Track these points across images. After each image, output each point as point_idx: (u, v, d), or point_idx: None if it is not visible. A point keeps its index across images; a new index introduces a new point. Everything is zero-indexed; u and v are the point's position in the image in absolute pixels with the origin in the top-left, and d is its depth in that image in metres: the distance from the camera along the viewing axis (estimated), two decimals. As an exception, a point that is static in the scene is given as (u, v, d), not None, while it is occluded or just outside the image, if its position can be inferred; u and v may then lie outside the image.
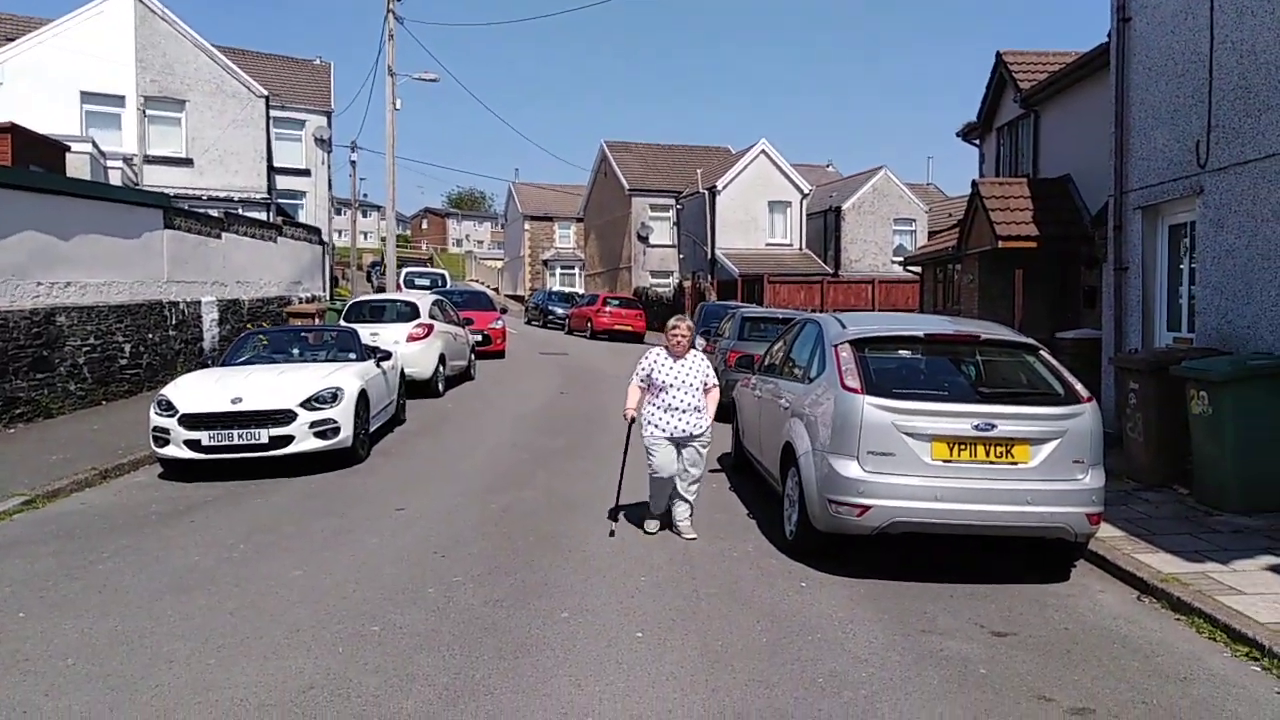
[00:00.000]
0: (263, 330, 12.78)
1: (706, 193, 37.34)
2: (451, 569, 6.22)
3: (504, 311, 24.73)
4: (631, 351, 26.09)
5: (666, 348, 7.08)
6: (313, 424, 9.31)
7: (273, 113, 30.01)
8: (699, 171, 39.54)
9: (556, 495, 8.48)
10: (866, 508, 5.91)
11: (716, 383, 7.15)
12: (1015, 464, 5.92)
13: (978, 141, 21.80)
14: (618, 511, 7.49)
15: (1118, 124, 10.34)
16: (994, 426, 5.87)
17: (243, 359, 10.99)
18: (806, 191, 38.00)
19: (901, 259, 33.54)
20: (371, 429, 10.68)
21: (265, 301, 19.04)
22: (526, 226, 59.09)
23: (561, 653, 4.84)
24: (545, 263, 58.20)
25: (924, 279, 23.47)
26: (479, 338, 21.07)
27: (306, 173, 34.15)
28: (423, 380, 14.94)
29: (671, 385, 6.93)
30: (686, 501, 7.13)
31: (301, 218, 32.21)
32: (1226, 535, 6.94)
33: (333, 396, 9.55)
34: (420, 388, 14.93)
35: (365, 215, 79.11)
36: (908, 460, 5.92)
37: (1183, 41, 9.20)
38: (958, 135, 22.31)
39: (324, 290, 25.05)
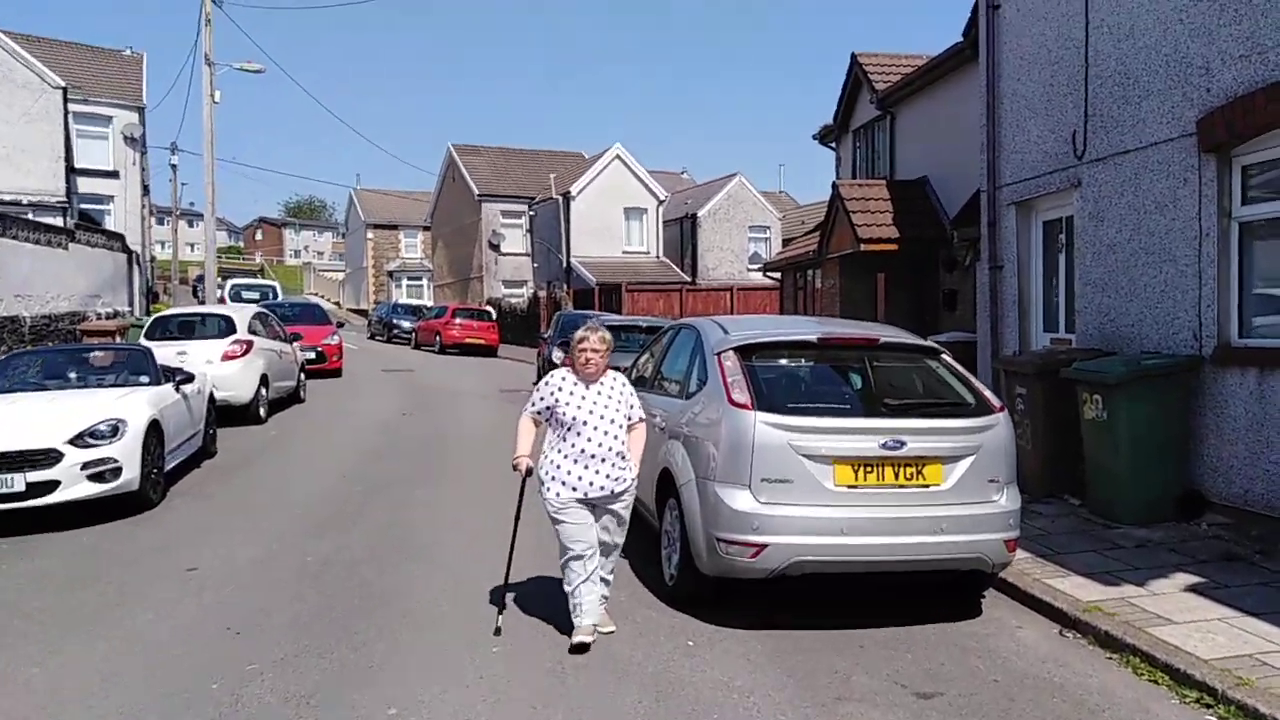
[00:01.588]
0: (35, 350, 10.76)
1: (560, 199, 36.30)
2: (247, 651, 4.85)
3: (341, 326, 22.82)
4: (484, 368, 24.71)
5: (572, 368, 5.06)
6: (85, 464, 7.61)
7: (74, 107, 26.88)
8: (552, 177, 38.47)
9: (392, 536, 7.16)
10: (761, 546, 4.96)
11: (642, 416, 5.16)
12: (927, 486, 5.12)
13: (834, 145, 21.69)
14: (504, 595, 5.39)
15: (989, 117, 9.95)
16: (903, 444, 5.04)
17: (3, 387, 9.06)
18: (662, 198, 37.56)
19: (759, 266, 33.55)
20: (169, 466, 8.99)
21: (53, 319, 16.57)
22: (369, 235, 56.29)
23: (383, 773, 3.63)
24: (390, 274, 55.54)
25: (783, 285, 23.20)
26: (311, 355, 19.18)
27: (115, 175, 30.86)
28: (241, 405, 13.14)
29: (582, 423, 4.87)
30: (604, 583, 5.10)
31: (110, 225, 29.03)
32: (1131, 551, 6.41)
33: (113, 430, 7.87)
34: (239, 414, 13.13)
35: (192, 225, 72.71)
36: (807, 487, 5.01)
37: (1055, 28, 8.83)
38: (814, 138, 22.17)
39: (133, 306, 22.40)
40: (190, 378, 9.88)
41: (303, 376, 16.50)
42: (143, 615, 5.45)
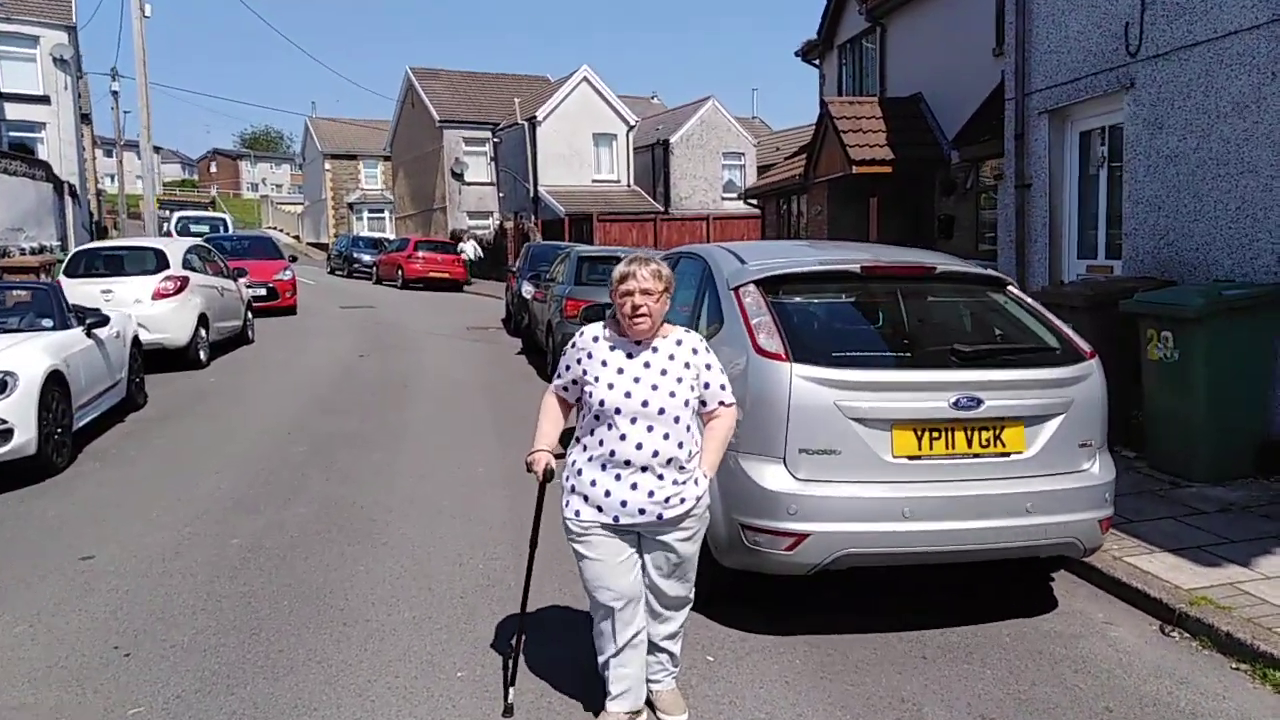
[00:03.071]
0: (-81, 292, 9.31)
1: (526, 124, 34.45)
2: (133, 684, 3.71)
3: (294, 260, 21.28)
4: (449, 304, 23.29)
5: (615, 320, 3.29)
6: (-35, 427, 6.36)
7: (-8, 25, 24.61)
8: (517, 101, 36.49)
9: (337, 511, 6.00)
10: (801, 536, 3.87)
11: (731, 399, 3.33)
12: (1007, 454, 4.03)
13: (818, 62, 20.27)
14: (514, 659, 3.61)
15: (1018, 12, 8.69)
16: (979, 402, 3.94)
17: (-124, 334, 7.69)
18: (633, 123, 35.80)
19: (736, 194, 32.20)
20: (80, 423, 7.75)
21: (-32, 253, 14.96)
22: (327, 166, 53.77)
23: None
24: (351, 206, 53.28)
25: (765, 214, 21.94)
26: (262, 292, 17.78)
27: (46, 100, 28.57)
28: (177, 348, 11.81)
29: (614, 410, 3.14)
30: (666, 653, 3.42)
31: (44, 155, 26.93)
32: (1216, 517, 5.42)
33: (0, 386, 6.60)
34: (176, 358, 11.82)
35: (142, 158, 69.23)
36: (859, 460, 3.91)
37: (1108, -100, 7.55)
38: (796, 54, 20.69)
39: (67, 241, 20.63)
40: (104, 320, 8.54)
41: (250, 315, 15.12)
42: (12, 629, 4.28)
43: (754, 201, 23.04)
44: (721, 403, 3.29)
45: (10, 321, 8.28)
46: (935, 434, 3.96)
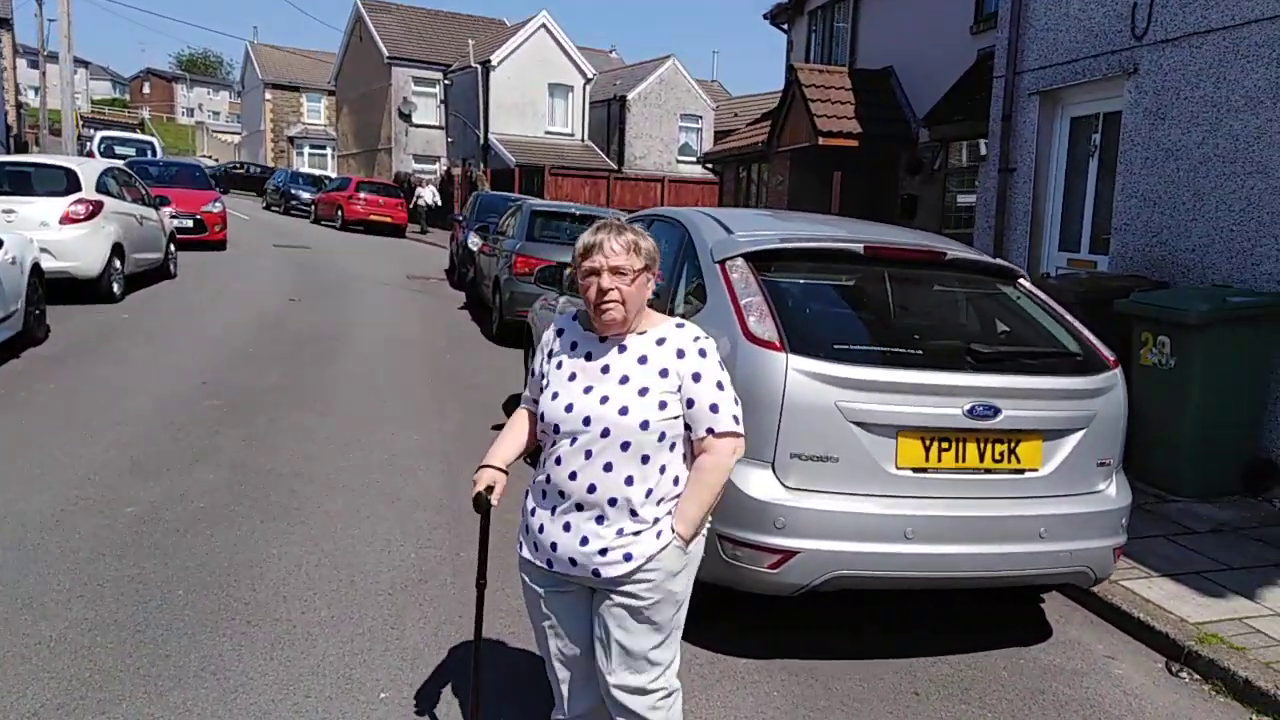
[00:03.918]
0: None
1: (479, 67, 33.14)
2: (-19, 695, 3.06)
3: (225, 192, 20.01)
4: (390, 249, 22.25)
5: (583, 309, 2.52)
6: None
7: (-102, -91, 22.47)
8: (471, 43, 35.09)
9: (250, 480, 5.32)
10: (788, 553, 3.36)
11: (731, 427, 2.36)
12: (1021, 471, 3.58)
13: (785, 26, 19.65)
14: (473, 710, 2.77)
15: (1018, -17, 8.20)
16: (996, 411, 3.47)
17: None
18: (590, 76, 34.73)
19: (694, 158, 31.50)
20: (-37, 359, 6.90)
21: None
22: (268, 96, 51.40)
23: None
24: (291, 140, 51.09)
25: (723, 180, 21.36)
26: (189, 223, 16.63)
27: (-42, -1, 26.41)
28: (88, 279, 10.80)
29: (558, 425, 2.38)
30: None
31: (-47, 58, 24.90)
32: (1208, 538, 5.09)
33: None
34: (86, 289, 10.83)
35: (75, 72, 65.31)
36: (859, 469, 3.41)
37: None
38: (765, 17, 19.99)
39: (-26, 152, 19.02)
40: (-2, 244, 7.62)
41: (173, 248, 14.06)
42: None
43: (711, 166, 22.44)
44: (711, 430, 2.32)
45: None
46: (945, 444, 3.47)
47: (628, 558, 2.30)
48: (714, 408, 2.34)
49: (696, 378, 2.34)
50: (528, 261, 9.65)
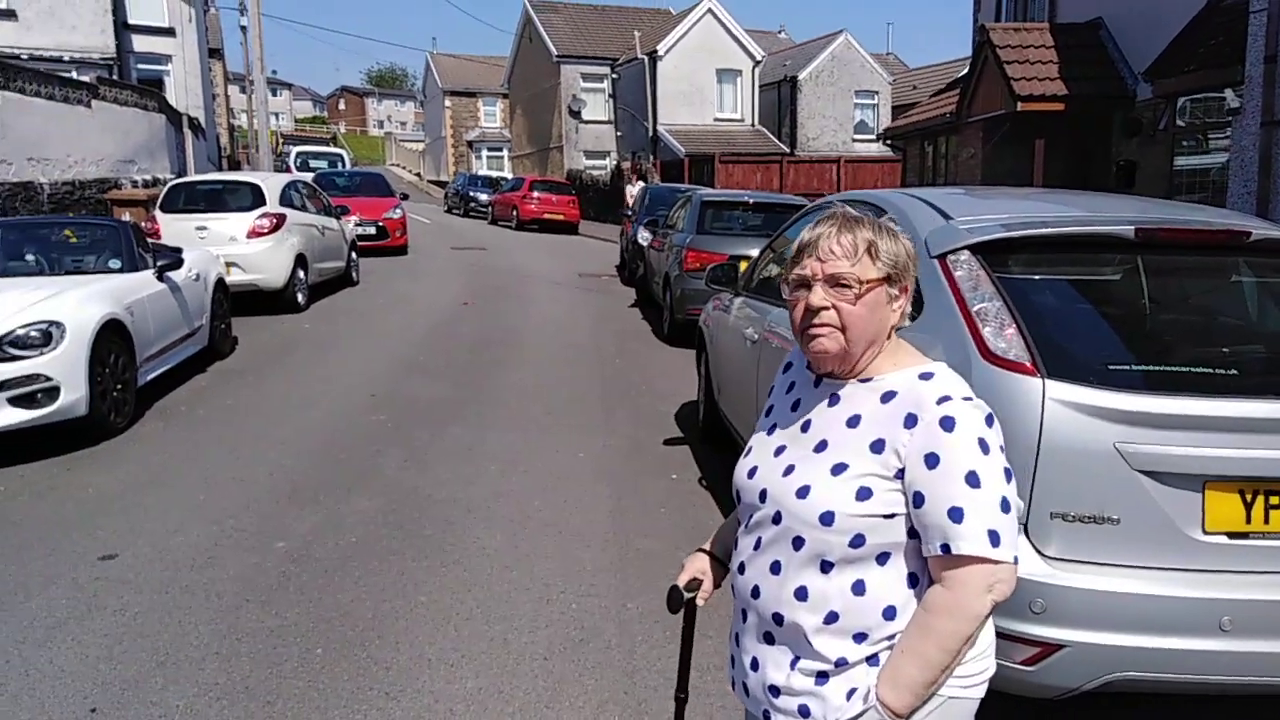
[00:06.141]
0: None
1: (646, 59, 32.81)
2: (95, 783, 2.72)
3: (405, 198, 20.56)
4: (563, 247, 22.19)
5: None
6: (4, 384, 5.58)
7: (119, -46, 24.57)
8: (637, 35, 34.84)
9: (407, 507, 4.95)
10: (1051, 647, 2.52)
11: (971, 549, 1.46)
12: (1380, 537, 2.57)
13: (975, -17, 18.02)
14: None
15: (1287, -105, 6.74)
16: (1352, 454, 2.48)
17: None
18: (759, 59, 33.67)
19: (872, 135, 29.98)
20: (151, 376, 7.01)
21: (78, 186, 14.60)
22: (447, 103, 53.41)
23: None
24: (470, 144, 52.87)
25: (906, 157, 19.95)
26: (371, 230, 17.14)
27: (171, 32, 28.63)
28: (273, 290, 11.10)
29: (739, 494, 1.74)
30: None
31: (169, 88, 27.02)
32: None
33: (44, 338, 5.78)
34: (273, 300, 11.13)
35: (276, 94, 71.42)
36: (1151, 533, 2.52)
37: None
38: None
39: (182, 173, 20.43)
40: (178, 261, 7.72)
41: (354, 255, 14.40)
42: (-21, 669, 3.37)
43: (893, 143, 21.05)
44: (947, 548, 1.48)
45: (86, 261, 7.58)
46: (1275, 500, 2.52)
47: (804, 713, 1.57)
48: (955, 514, 1.47)
49: (932, 461, 1.50)
50: (699, 256, 9.01)
